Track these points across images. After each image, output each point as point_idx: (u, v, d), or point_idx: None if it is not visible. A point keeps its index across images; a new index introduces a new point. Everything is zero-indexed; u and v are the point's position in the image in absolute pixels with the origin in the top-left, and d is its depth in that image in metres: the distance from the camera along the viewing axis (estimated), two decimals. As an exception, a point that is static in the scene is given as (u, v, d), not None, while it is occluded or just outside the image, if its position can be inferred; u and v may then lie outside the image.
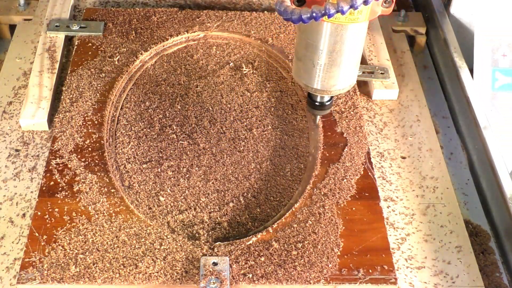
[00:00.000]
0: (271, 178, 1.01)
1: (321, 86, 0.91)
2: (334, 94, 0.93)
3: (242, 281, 0.86)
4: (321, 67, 0.88)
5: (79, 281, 0.85)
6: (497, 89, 1.24)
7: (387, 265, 0.89)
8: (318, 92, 0.92)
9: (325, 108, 0.98)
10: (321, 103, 0.97)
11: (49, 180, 0.97)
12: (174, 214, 0.95)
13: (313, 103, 0.98)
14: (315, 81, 0.90)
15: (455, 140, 1.14)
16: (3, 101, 1.13)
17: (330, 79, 0.90)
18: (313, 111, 0.99)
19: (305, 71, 0.90)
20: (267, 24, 1.26)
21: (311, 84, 0.91)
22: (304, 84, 0.92)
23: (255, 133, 1.07)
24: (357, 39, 0.86)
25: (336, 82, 0.90)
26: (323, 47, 0.86)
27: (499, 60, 1.26)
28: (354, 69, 0.91)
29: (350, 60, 0.88)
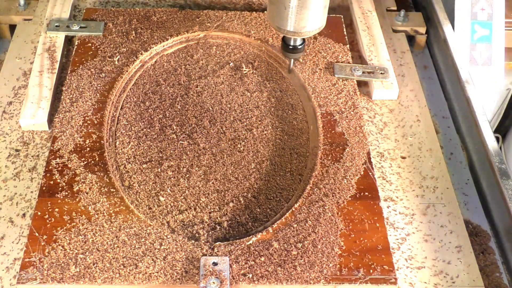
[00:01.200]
0: (271, 178, 1.01)
1: (293, 28, 0.97)
2: (304, 36, 0.99)
3: (242, 281, 0.86)
4: (292, 9, 0.94)
5: (79, 281, 0.85)
6: (475, 40, 1.37)
7: (387, 265, 0.89)
8: (290, 34, 0.98)
9: (298, 51, 1.04)
10: (294, 46, 1.03)
11: (49, 180, 0.97)
12: (174, 214, 0.95)
13: (287, 46, 1.04)
14: (287, 23, 0.96)
15: (455, 140, 1.14)
16: (3, 101, 1.13)
17: (301, 21, 0.96)
18: (287, 54, 1.05)
19: (278, 14, 0.96)
20: (267, 24, 1.26)
21: (284, 26, 0.97)
22: (276, 26, 0.98)
23: (255, 133, 1.07)
24: None
25: (306, 24, 0.97)
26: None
27: (478, 14, 1.36)
28: (323, 11, 0.98)
29: (318, 3, 0.95)
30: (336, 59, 1.20)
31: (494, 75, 1.37)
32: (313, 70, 1.17)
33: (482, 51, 1.36)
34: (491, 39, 1.37)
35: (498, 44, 1.37)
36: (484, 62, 1.35)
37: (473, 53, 1.35)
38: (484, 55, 1.36)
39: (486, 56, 1.36)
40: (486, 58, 1.36)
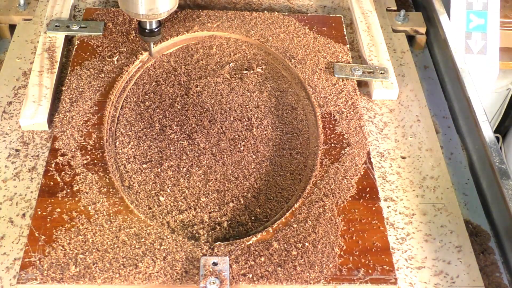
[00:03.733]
0: (271, 178, 1.01)
1: (140, 10, 1.01)
2: (156, 18, 1.04)
3: (242, 281, 0.86)
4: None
5: (79, 281, 0.85)
6: (471, 29, 1.40)
7: (387, 265, 0.89)
8: (140, 17, 1.03)
9: (155, 35, 1.09)
10: (150, 29, 1.08)
11: (49, 180, 0.97)
12: (174, 214, 0.95)
13: (143, 30, 1.08)
14: (134, 5, 1.01)
15: (455, 140, 1.14)
16: (3, 101, 1.13)
17: (146, 4, 1.01)
18: (144, 38, 1.10)
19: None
20: (267, 24, 1.26)
21: (131, 9, 1.02)
22: (126, 10, 1.03)
23: (255, 133, 1.07)
24: None
25: (152, 6, 1.01)
26: None
27: (473, 3, 1.39)
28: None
29: None
30: (336, 59, 1.20)
31: (489, 64, 1.40)
32: (313, 70, 1.17)
33: (477, 40, 1.39)
34: (486, 28, 1.39)
35: (493, 33, 1.40)
36: (479, 51, 1.38)
37: (468, 41, 1.38)
38: (479, 44, 1.38)
39: (482, 45, 1.38)
40: (481, 47, 1.38)
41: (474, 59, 1.39)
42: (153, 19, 1.05)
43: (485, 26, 1.38)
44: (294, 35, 1.24)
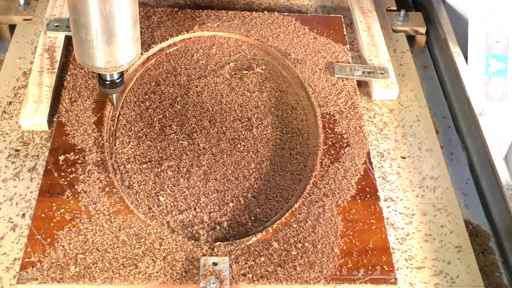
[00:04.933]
0: (271, 178, 1.01)
1: (96, 62, 0.90)
2: (111, 71, 0.93)
3: (242, 281, 0.86)
4: (90, 43, 0.88)
5: (79, 281, 0.85)
6: (490, 74, 1.26)
7: (387, 265, 0.89)
8: (95, 69, 0.92)
9: (117, 86, 0.98)
10: (111, 81, 0.97)
11: (49, 180, 0.97)
12: (174, 214, 0.95)
13: (103, 82, 0.97)
14: (89, 57, 0.90)
15: (455, 140, 1.14)
16: (3, 101, 1.13)
17: (103, 56, 0.90)
18: (105, 90, 0.99)
19: (80, 48, 0.90)
20: (267, 24, 1.26)
21: (87, 61, 0.91)
22: (82, 62, 0.92)
23: (255, 133, 1.07)
24: (117, 16, 0.86)
25: (111, 59, 0.90)
26: (86, 23, 0.86)
27: (493, 46, 1.27)
28: (126, 45, 0.90)
29: (118, 37, 0.88)
30: (336, 59, 1.20)
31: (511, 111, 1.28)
32: (313, 70, 1.17)
33: (497, 85, 1.27)
34: (507, 73, 1.27)
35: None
36: (500, 97, 1.27)
37: (488, 88, 1.25)
38: (499, 90, 1.26)
39: (502, 91, 1.26)
40: (501, 93, 1.26)
41: (494, 106, 1.26)
42: (113, 72, 0.94)
43: (506, 71, 1.27)
44: (294, 35, 1.24)
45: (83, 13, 0.85)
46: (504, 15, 1.26)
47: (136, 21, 0.90)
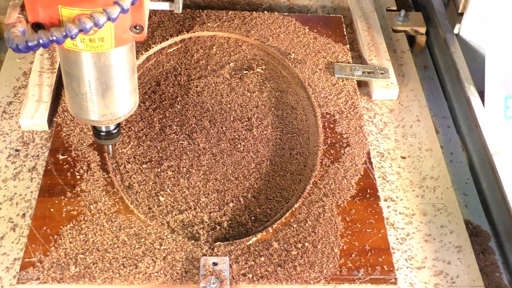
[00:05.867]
0: (271, 178, 1.01)
1: (89, 116, 0.83)
2: (106, 124, 0.86)
3: (242, 281, 0.86)
4: (83, 96, 0.80)
5: (79, 281, 0.85)
6: (510, 117, 1.14)
7: (387, 265, 0.89)
8: (89, 122, 0.85)
9: (113, 136, 0.90)
10: (107, 131, 0.89)
11: (49, 180, 0.97)
12: (174, 214, 0.95)
13: (98, 133, 0.89)
14: (82, 110, 0.82)
15: (455, 140, 1.14)
16: (3, 101, 1.13)
17: (97, 109, 0.82)
18: (101, 142, 0.91)
19: (72, 100, 0.82)
20: (267, 24, 1.26)
21: (80, 114, 0.83)
22: (75, 114, 0.84)
23: (255, 133, 1.07)
24: (112, 68, 0.78)
25: (106, 112, 0.82)
26: (79, 75, 0.78)
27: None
28: (123, 97, 0.83)
29: (114, 90, 0.80)
30: (336, 59, 1.20)
31: None
32: (313, 70, 1.17)
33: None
34: None
35: (535, 121, 1.16)
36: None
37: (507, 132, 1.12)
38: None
39: None
40: None
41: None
42: (108, 124, 0.87)
43: None
44: (294, 35, 1.24)
45: (75, 65, 0.77)
46: None
47: (133, 71, 0.82)
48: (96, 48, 0.73)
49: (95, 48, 0.73)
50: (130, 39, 0.75)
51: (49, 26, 0.70)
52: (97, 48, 0.73)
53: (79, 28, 0.65)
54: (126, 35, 0.74)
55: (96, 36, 0.71)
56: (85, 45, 0.73)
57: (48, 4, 0.68)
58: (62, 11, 0.68)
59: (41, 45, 0.65)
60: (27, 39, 0.65)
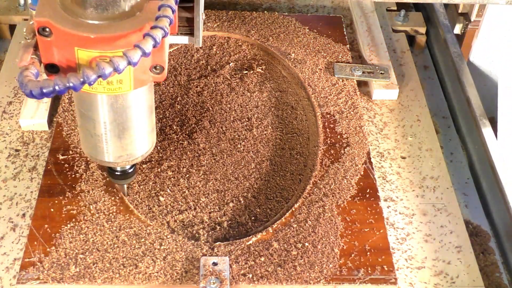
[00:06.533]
0: (271, 178, 1.01)
1: (105, 157, 0.80)
2: (122, 165, 0.83)
3: (242, 281, 0.86)
4: (99, 137, 0.77)
5: (79, 281, 0.85)
6: None
7: (387, 265, 0.89)
8: (105, 164, 0.82)
9: (130, 176, 0.88)
10: (123, 171, 0.86)
11: (49, 180, 0.97)
12: (174, 214, 0.95)
13: (113, 172, 0.86)
14: (97, 152, 0.79)
15: (455, 140, 1.14)
16: (3, 101, 1.13)
17: (113, 151, 0.79)
18: (116, 181, 0.89)
19: (86, 141, 0.80)
20: (267, 24, 1.26)
21: (95, 155, 0.80)
22: (89, 154, 0.81)
23: (255, 133, 1.07)
24: (131, 109, 0.75)
25: (122, 153, 0.79)
26: (95, 117, 0.75)
27: None
28: (141, 138, 0.80)
29: (131, 131, 0.77)
30: (336, 59, 1.20)
31: None
32: (313, 70, 1.17)
33: None
34: None
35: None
36: None
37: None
38: None
39: None
40: None
41: None
42: (125, 165, 0.84)
43: None
44: (294, 35, 1.24)
45: (91, 106, 0.74)
46: None
47: (152, 111, 0.79)
48: (114, 91, 0.70)
49: (113, 91, 0.70)
50: (149, 79, 0.71)
51: (64, 68, 0.67)
52: (115, 90, 0.70)
53: (97, 74, 0.61)
54: (145, 76, 0.70)
55: (114, 78, 0.68)
56: (102, 88, 0.69)
57: (64, 46, 0.65)
58: (79, 53, 0.65)
59: (56, 92, 0.61)
60: (42, 86, 0.60)
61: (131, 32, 0.64)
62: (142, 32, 0.64)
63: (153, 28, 0.63)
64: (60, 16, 0.65)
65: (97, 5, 0.65)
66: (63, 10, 0.65)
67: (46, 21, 0.64)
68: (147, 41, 0.62)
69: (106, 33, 0.64)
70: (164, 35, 0.63)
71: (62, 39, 0.65)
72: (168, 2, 0.65)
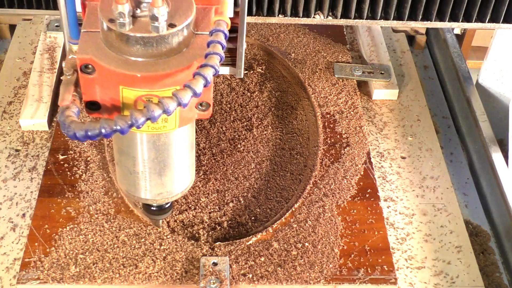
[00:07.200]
0: (271, 178, 1.01)
1: (144, 194, 0.77)
2: (162, 202, 0.80)
3: (242, 281, 0.86)
4: (138, 175, 0.75)
5: (79, 281, 0.85)
6: None
7: (387, 265, 0.89)
8: (143, 200, 0.80)
9: (167, 211, 0.84)
10: (159, 206, 0.83)
11: (49, 180, 0.97)
12: (174, 214, 0.95)
13: (149, 207, 0.83)
14: (136, 189, 0.77)
15: (455, 140, 1.14)
16: (3, 101, 1.13)
17: (153, 188, 0.76)
18: (152, 217, 0.85)
19: (124, 178, 0.77)
20: (267, 24, 1.26)
21: (133, 192, 0.78)
22: (126, 191, 0.79)
23: (255, 133, 1.07)
24: (173, 146, 0.73)
25: (162, 190, 0.77)
26: (135, 154, 0.73)
27: None
28: (181, 174, 0.78)
29: (172, 168, 0.75)
30: (336, 59, 1.20)
31: None
32: (313, 70, 1.17)
33: None
34: None
35: None
36: None
37: None
38: None
39: None
40: None
41: None
42: (163, 202, 0.81)
43: None
44: (294, 35, 1.24)
45: (131, 143, 0.71)
46: None
47: (192, 146, 0.76)
48: (158, 130, 0.67)
49: (157, 130, 0.67)
50: (195, 117, 0.69)
51: (107, 106, 0.64)
52: (159, 129, 0.67)
53: (146, 117, 0.57)
54: (191, 114, 0.68)
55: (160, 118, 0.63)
56: (146, 127, 0.64)
57: (108, 84, 0.62)
58: (124, 92, 0.62)
59: (102, 134, 0.57)
60: (87, 129, 0.57)
61: (179, 70, 0.61)
62: (190, 70, 0.61)
63: (203, 66, 0.59)
64: (103, 53, 0.62)
65: (145, 43, 0.61)
66: (107, 47, 0.62)
67: (89, 59, 0.61)
68: (198, 81, 0.58)
69: (153, 71, 0.61)
70: (214, 74, 0.59)
71: (106, 77, 0.62)
72: (217, 37, 0.61)
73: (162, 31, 0.61)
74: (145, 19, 0.62)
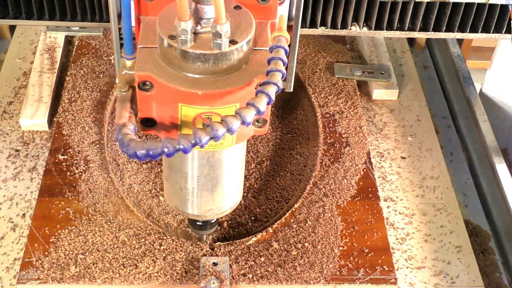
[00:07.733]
0: (271, 178, 1.01)
1: (194, 210, 0.78)
2: (211, 218, 0.81)
3: (242, 281, 0.86)
4: (189, 191, 0.75)
5: (79, 281, 0.85)
6: None
7: (387, 265, 0.89)
8: (191, 216, 0.80)
9: (212, 226, 0.85)
10: (205, 221, 0.83)
11: (49, 180, 0.97)
12: (174, 214, 0.95)
13: (194, 223, 0.84)
14: (186, 205, 0.77)
15: (455, 140, 1.14)
16: (3, 101, 1.13)
17: (203, 204, 0.77)
18: (198, 232, 0.86)
19: (174, 194, 0.78)
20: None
21: (182, 208, 0.78)
22: (175, 207, 0.80)
23: (255, 133, 1.07)
24: (226, 163, 0.73)
25: (212, 207, 0.77)
26: (187, 171, 0.73)
27: None
28: (232, 190, 0.78)
29: (223, 184, 0.75)
30: (336, 59, 1.20)
31: None
32: (313, 70, 1.17)
33: None
34: None
35: None
36: None
37: None
38: None
39: None
40: None
41: None
42: (212, 219, 0.82)
43: None
44: (294, 35, 1.24)
45: (185, 159, 0.71)
46: None
47: (243, 162, 0.76)
48: (215, 147, 0.66)
49: (214, 147, 0.66)
50: (251, 133, 0.68)
51: (164, 123, 0.63)
52: (216, 146, 0.66)
53: (210, 136, 0.55)
54: (248, 131, 0.67)
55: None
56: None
57: (167, 102, 0.61)
58: (183, 110, 0.61)
59: (165, 153, 0.56)
60: (149, 148, 0.56)
61: (240, 88, 0.60)
62: (251, 86, 0.60)
63: (266, 84, 0.58)
64: (162, 70, 0.61)
65: (206, 59, 0.60)
66: (165, 63, 0.61)
67: (148, 75, 0.60)
68: (261, 99, 0.57)
69: (214, 89, 0.60)
70: (277, 91, 0.58)
71: (165, 95, 0.60)
72: (278, 54, 0.60)
73: (225, 48, 0.60)
74: (206, 35, 0.61)
